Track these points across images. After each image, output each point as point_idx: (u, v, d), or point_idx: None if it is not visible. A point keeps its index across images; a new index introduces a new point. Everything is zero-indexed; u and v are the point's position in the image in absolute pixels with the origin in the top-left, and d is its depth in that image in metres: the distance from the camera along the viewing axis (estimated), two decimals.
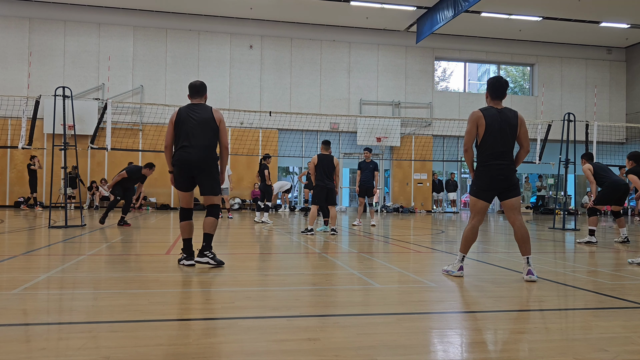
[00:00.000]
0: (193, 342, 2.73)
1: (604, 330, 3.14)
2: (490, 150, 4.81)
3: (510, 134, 4.84)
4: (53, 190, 16.15)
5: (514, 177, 4.87)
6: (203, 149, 5.25)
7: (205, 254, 5.22)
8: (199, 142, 5.25)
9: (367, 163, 11.93)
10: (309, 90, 22.48)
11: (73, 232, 9.11)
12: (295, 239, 8.92)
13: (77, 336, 2.82)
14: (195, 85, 5.51)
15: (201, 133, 5.27)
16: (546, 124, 16.83)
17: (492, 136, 4.80)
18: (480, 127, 4.83)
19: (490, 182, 4.83)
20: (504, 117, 4.86)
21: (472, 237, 4.95)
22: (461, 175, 25.38)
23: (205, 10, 21.09)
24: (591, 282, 4.76)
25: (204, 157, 5.25)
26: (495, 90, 4.96)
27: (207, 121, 5.31)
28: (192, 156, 5.24)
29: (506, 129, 4.82)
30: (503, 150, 4.80)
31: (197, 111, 5.37)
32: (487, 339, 3.02)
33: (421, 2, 19.75)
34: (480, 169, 4.89)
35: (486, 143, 4.82)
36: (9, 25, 20.27)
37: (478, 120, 4.84)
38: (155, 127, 20.04)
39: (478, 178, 4.91)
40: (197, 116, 5.33)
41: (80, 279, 4.66)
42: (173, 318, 3.28)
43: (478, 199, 4.91)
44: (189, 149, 5.25)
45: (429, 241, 8.93)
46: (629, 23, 21.80)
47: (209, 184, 5.33)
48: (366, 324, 3.21)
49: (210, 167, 5.30)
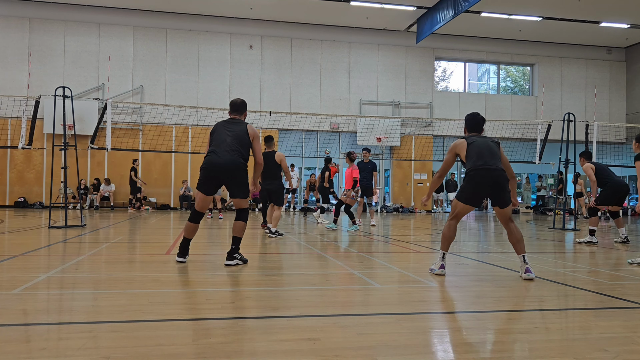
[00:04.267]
0: (193, 342, 2.73)
1: (604, 330, 3.14)
2: (476, 159, 4.94)
3: (495, 150, 5.03)
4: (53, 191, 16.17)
5: (506, 185, 4.94)
6: (231, 154, 5.38)
7: (234, 256, 5.43)
8: (229, 149, 5.40)
9: (365, 163, 11.91)
10: (309, 90, 22.48)
11: (73, 232, 9.11)
12: (295, 239, 8.92)
13: (77, 336, 2.82)
14: (236, 103, 5.79)
15: (232, 142, 5.44)
16: (546, 124, 16.83)
17: (476, 148, 4.97)
18: (461, 151, 5.06)
19: (475, 187, 4.96)
20: (485, 139, 5.11)
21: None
22: (461, 176, 25.38)
23: (205, 10, 21.09)
24: (591, 282, 4.76)
25: (231, 160, 5.37)
26: (472, 126, 5.24)
27: (240, 134, 5.50)
28: (219, 160, 5.38)
29: (490, 144, 5.04)
30: (490, 158, 4.93)
31: (232, 125, 5.59)
32: (487, 339, 3.01)
33: (421, 2, 19.74)
34: (468, 174, 5.01)
35: (471, 157, 4.97)
36: (9, 25, 20.27)
37: (456, 147, 5.10)
38: (155, 127, 20.05)
39: (465, 183, 5.07)
40: (231, 128, 5.55)
41: (80, 279, 4.66)
42: (173, 318, 3.28)
43: (459, 201, 5.05)
44: (217, 153, 5.43)
45: (429, 241, 8.92)
46: (629, 23, 21.80)
47: (237, 188, 5.46)
48: (366, 324, 3.21)
49: (238, 171, 5.41)
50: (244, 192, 5.49)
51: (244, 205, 5.53)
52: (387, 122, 21.98)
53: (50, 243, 7.53)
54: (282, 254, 6.95)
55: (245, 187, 5.49)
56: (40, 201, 19.77)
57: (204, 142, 19.96)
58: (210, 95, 21.28)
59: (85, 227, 10.26)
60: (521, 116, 23.42)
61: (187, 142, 20.67)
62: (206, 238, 8.61)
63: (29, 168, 20.03)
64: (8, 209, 18.40)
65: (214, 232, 9.98)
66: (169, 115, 19.83)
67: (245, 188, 5.49)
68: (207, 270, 5.24)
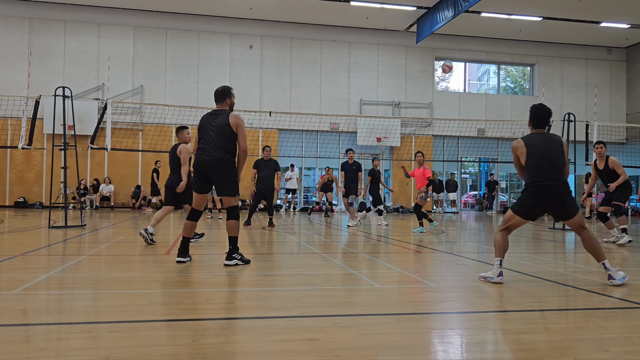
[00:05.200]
0: (193, 342, 2.73)
1: (604, 330, 3.14)
2: (533, 171, 4.68)
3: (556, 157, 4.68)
4: (53, 191, 16.18)
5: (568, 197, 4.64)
6: (217, 151, 5.35)
7: (233, 256, 5.40)
8: (214, 145, 5.37)
9: (350, 164, 11.87)
10: (309, 90, 22.48)
11: (73, 232, 9.11)
12: (295, 239, 8.91)
13: (77, 336, 2.82)
14: (217, 91, 5.67)
15: (217, 137, 5.39)
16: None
17: (535, 157, 4.68)
18: (521, 156, 4.76)
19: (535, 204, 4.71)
20: (547, 140, 4.76)
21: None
22: (461, 176, 25.39)
23: (205, 10, 21.09)
24: (591, 282, 4.76)
25: (217, 158, 5.34)
26: (536, 122, 4.87)
27: (222, 127, 5.41)
28: (206, 158, 5.37)
29: (550, 150, 4.69)
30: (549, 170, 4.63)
31: (215, 118, 5.50)
32: (487, 339, 3.01)
33: (421, 2, 19.75)
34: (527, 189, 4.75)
35: (529, 167, 4.72)
36: (9, 25, 20.27)
37: (517, 149, 4.79)
38: (155, 127, 20.05)
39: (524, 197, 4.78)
40: (215, 121, 5.47)
41: (80, 279, 4.66)
42: (173, 318, 3.28)
43: (516, 215, 4.80)
44: (204, 151, 5.41)
45: (429, 241, 8.92)
46: (629, 23, 21.80)
47: (224, 186, 5.43)
48: (366, 324, 3.21)
49: (224, 168, 5.37)
50: (232, 190, 5.42)
51: (234, 202, 5.47)
52: (387, 122, 21.98)
53: (50, 243, 7.53)
54: (282, 254, 6.95)
55: (233, 184, 5.41)
56: (40, 201, 19.77)
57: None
58: (210, 95, 21.08)
59: (85, 227, 10.26)
60: (521, 116, 23.38)
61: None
62: (206, 238, 8.60)
63: (29, 168, 20.04)
64: (8, 209, 18.40)
65: (213, 232, 9.97)
66: (168, 115, 19.82)
67: (233, 185, 5.41)
68: (207, 270, 5.24)
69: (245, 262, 5.48)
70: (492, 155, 24.16)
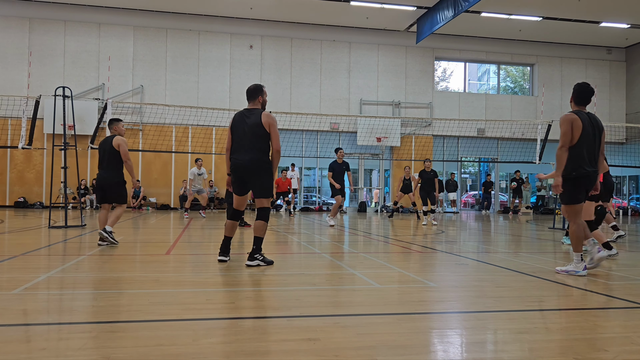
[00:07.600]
0: (193, 342, 2.73)
1: (604, 330, 3.14)
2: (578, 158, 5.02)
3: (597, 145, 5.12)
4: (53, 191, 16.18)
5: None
6: (252, 153, 5.34)
7: (255, 257, 5.36)
8: (248, 147, 5.35)
9: (339, 164, 11.81)
10: (309, 90, 22.48)
11: (73, 232, 9.11)
12: (295, 239, 8.92)
13: (77, 336, 2.82)
14: (249, 89, 5.60)
15: (250, 139, 5.36)
16: (546, 124, 16.83)
17: (583, 144, 5.00)
18: (576, 131, 4.99)
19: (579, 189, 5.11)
20: (594, 121, 5.12)
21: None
22: (461, 176, 25.38)
23: (205, 10, 21.09)
24: (591, 282, 4.76)
25: (251, 161, 5.34)
26: (582, 98, 5.18)
27: (255, 127, 5.36)
28: (241, 162, 5.37)
29: (593, 137, 5.07)
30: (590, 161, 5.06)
31: (248, 118, 5.44)
32: (487, 339, 3.02)
33: (421, 2, 19.75)
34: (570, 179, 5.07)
35: (575, 155, 5.03)
36: (9, 25, 20.28)
37: (574, 122, 4.99)
38: (155, 127, 20.05)
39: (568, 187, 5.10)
40: (247, 122, 5.41)
41: (80, 279, 4.66)
42: (173, 318, 3.28)
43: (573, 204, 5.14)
44: (239, 155, 5.40)
45: (429, 241, 8.92)
46: (629, 23, 21.80)
47: (259, 188, 5.43)
48: (366, 324, 3.21)
49: (260, 172, 5.37)
50: (267, 192, 5.44)
51: (266, 204, 5.46)
52: (387, 122, 21.98)
53: (51, 243, 7.53)
54: (282, 254, 6.95)
55: (268, 187, 5.43)
56: (40, 201, 19.78)
57: (204, 142, 20.00)
58: (210, 95, 21.28)
59: (85, 227, 10.26)
60: (521, 116, 23.42)
61: (187, 142, 20.66)
62: (206, 238, 8.61)
63: (29, 168, 20.04)
64: (8, 209, 18.41)
65: (216, 232, 9.98)
66: (169, 115, 19.83)
67: (268, 188, 5.44)
68: (207, 271, 5.24)
69: (268, 263, 5.38)
70: (492, 155, 24.16)
